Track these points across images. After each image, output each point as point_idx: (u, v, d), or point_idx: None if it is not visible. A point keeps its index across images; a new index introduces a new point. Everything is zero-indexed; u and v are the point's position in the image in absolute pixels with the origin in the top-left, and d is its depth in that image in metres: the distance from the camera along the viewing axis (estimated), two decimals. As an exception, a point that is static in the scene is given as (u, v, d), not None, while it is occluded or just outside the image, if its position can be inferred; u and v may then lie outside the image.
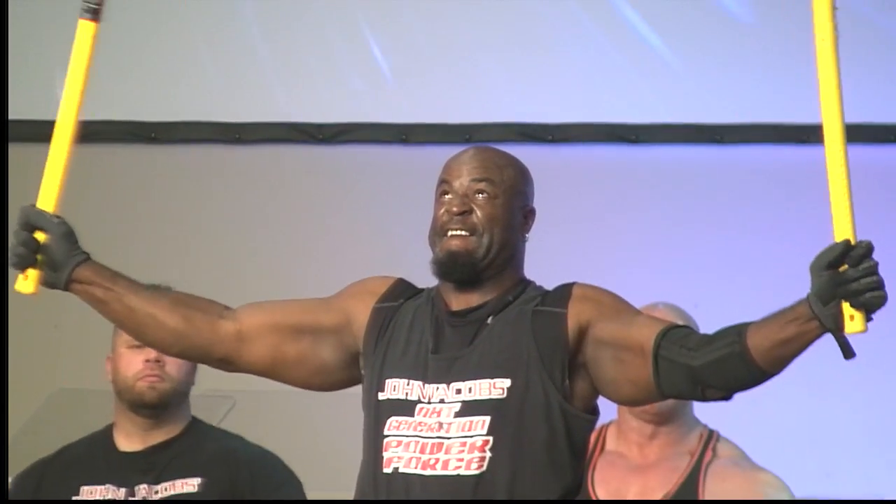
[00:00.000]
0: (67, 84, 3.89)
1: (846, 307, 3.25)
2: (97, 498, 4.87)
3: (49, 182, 3.81)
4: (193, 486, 4.79)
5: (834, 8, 3.36)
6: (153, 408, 4.83)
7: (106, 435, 4.93)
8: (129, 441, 4.85)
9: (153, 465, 4.84)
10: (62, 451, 4.95)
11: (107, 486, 4.79)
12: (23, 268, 3.74)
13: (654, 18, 6.74)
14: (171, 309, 3.86)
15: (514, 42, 6.75)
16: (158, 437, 4.83)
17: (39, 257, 3.78)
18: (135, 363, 4.80)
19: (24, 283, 3.78)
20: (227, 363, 3.90)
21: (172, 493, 4.84)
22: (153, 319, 3.85)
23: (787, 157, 6.39)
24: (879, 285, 3.26)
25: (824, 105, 3.38)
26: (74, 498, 4.85)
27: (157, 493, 4.80)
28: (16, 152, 6.45)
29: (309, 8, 7.12)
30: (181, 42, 7.15)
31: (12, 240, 3.81)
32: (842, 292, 3.28)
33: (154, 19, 7.04)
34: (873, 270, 3.27)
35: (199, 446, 4.91)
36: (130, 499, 4.89)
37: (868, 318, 3.25)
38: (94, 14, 3.85)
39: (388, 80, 6.58)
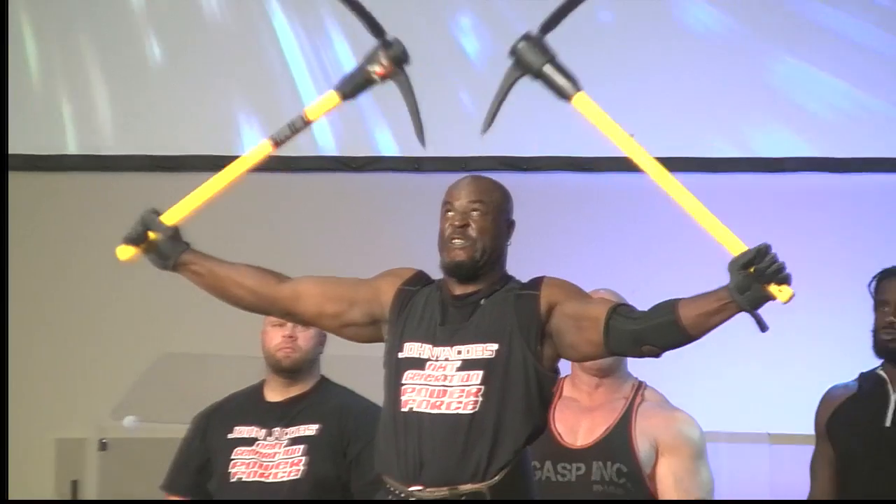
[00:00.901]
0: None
1: (773, 287, 3.81)
2: (245, 436, 5.30)
3: (188, 202, 4.43)
4: (313, 430, 5.25)
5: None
6: (288, 371, 5.28)
7: (258, 388, 5.38)
8: (273, 394, 5.33)
9: (287, 412, 5.28)
10: (228, 399, 5.45)
11: (252, 427, 5.27)
12: (132, 244, 4.38)
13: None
14: (247, 275, 4.42)
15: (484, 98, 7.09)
16: (294, 391, 5.30)
17: (142, 246, 4.38)
18: (275, 337, 5.25)
19: (122, 251, 4.40)
20: (286, 314, 4.49)
21: (297, 434, 5.25)
22: (235, 283, 4.41)
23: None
24: (784, 266, 3.82)
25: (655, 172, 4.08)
26: (229, 436, 5.32)
27: (286, 434, 5.25)
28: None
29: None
30: (248, 88, 7.54)
31: (133, 227, 4.40)
32: (765, 279, 3.81)
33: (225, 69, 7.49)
34: (776, 259, 3.83)
35: (323, 400, 5.31)
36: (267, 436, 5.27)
37: (782, 296, 3.84)
38: (277, 144, 4.46)
39: (403, 121, 7.19)
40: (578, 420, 5.00)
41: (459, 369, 4.15)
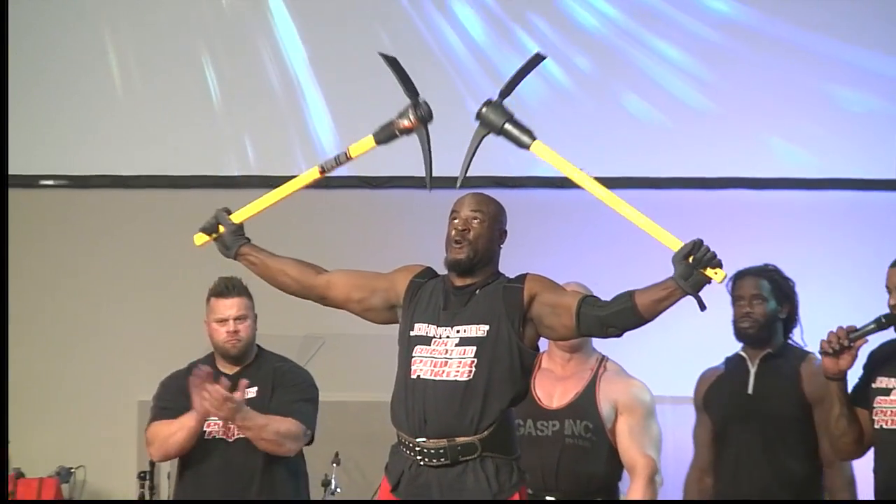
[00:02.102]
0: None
1: (709, 270, 3.93)
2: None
3: (252, 207, 4.58)
4: (254, 392, 5.25)
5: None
6: (235, 358, 5.32)
7: (212, 359, 5.35)
8: (224, 368, 5.32)
9: (236, 380, 5.23)
10: (189, 367, 5.34)
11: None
12: (205, 232, 4.55)
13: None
14: (292, 267, 4.53)
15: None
16: (238, 367, 5.32)
17: (213, 236, 4.55)
18: (221, 333, 5.28)
19: (197, 237, 4.57)
20: (321, 299, 4.53)
21: (246, 397, 5.20)
22: (282, 273, 4.53)
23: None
24: (715, 255, 3.94)
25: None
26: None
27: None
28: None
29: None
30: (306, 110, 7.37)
31: (208, 220, 4.56)
32: (702, 265, 3.95)
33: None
34: (708, 248, 3.96)
35: (260, 368, 5.34)
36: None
37: (718, 278, 3.95)
38: (323, 172, 4.56)
39: (416, 146, 7.17)
40: (554, 387, 5.10)
41: (458, 345, 4.28)
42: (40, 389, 7.12)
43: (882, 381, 4.61)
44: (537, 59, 4.35)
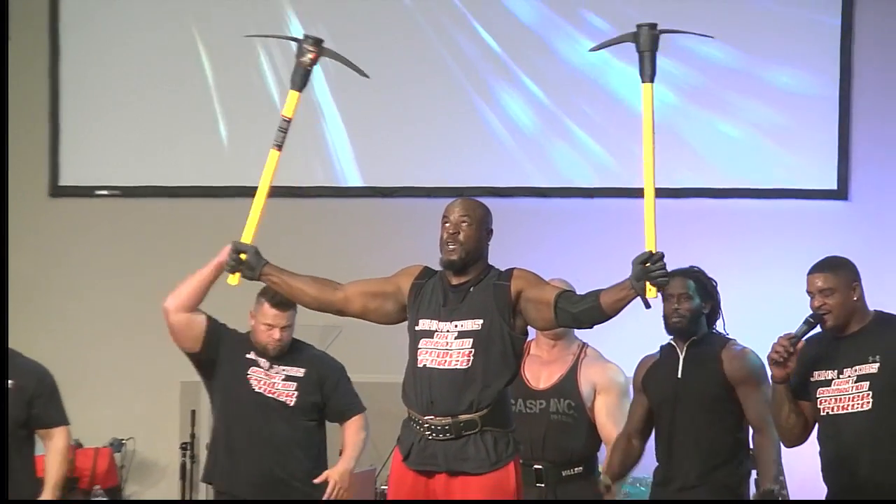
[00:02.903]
0: (262, 176, 4.34)
1: (648, 284, 3.94)
2: (255, 359, 5.12)
3: (251, 221, 4.38)
4: (301, 372, 5.18)
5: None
6: (273, 357, 5.17)
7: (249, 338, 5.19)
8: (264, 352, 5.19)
9: (279, 356, 5.15)
10: (241, 333, 5.22)
11: (259, 356, 5.14)
12: (232, 271, 4.39)
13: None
14: (311, 285, 4.43)
15: (485, 143, 7.17)
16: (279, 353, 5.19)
17: (240, 266, 4.37)
18: (266, 337, 5.14)
19: (232, 278, 4.41)
20: (340, 312, 4.47)
21: (289, 372, 5.18)
22: (302, 291, 4.43)
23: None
24: (665, 275, 3.95)
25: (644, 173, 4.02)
26: (246, 356, 5.13)
27: (282, 371, 5.17)
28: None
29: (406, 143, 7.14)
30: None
31: (229, 258, 4.38)
32: (648, 277, 3.95)
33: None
34: (662, 267, 3.94)
35: (300, 352, 5.25)
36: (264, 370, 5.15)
37: (659, 290, 3.96)
38: (279, 147, 4.38)
39: (426, 164, 7.16)
40: (540, 370, 5.16)
41: (457, 337, 4.27)
42: (97, 372, 7.13)
43: (820, 375, 4.57)
44: (705, 35, 4.38)
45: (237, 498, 5.16)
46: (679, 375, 5.05)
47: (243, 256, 4.40)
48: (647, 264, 3.97)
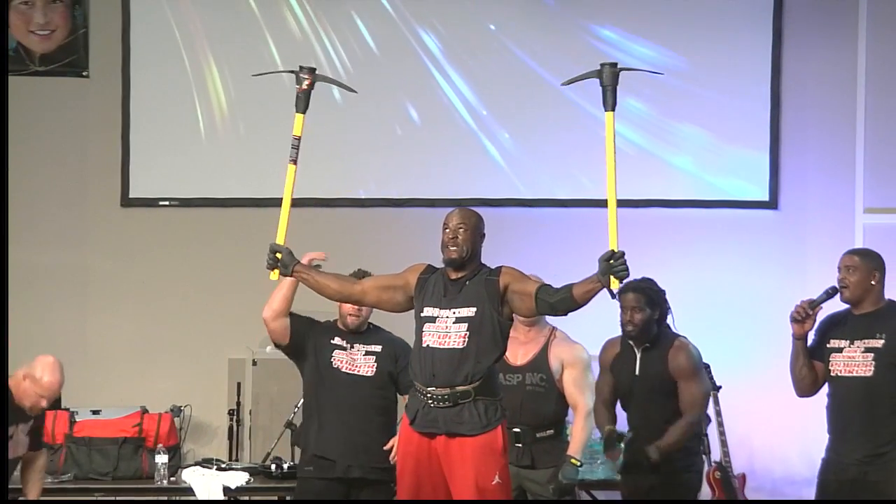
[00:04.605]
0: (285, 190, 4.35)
1: (612, 279, 4.03)
2: (340, 343, 5.11)
3: (281, 227, 4.41)
4: (379, 348, 5.18)
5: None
6: (352, 331, 5.20)
7: (336, 322, 5.22)
8: (345, 328, 5.19)
9: (359, 337, 5.17)
10: (323, 322, 5.26)
11: (341, 339, 5.19)
12: (271, 268, 4.41)
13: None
14: (334, 281, 4.46)
15: (479, 162, 7.03)
16: (355, 334, 5.23)
17: (277, 263, 4.39)
18: (349, 309, 5.13)
19: (273, 274, 4.44)
20: (358, 302, 4.65)
21: (369, 348, 5.19)
22: (327, 286, 4.45)
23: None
24: (625, 269, 4.01)
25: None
26: (331, 341, 5.12)
27: (362, 347, 5.18)
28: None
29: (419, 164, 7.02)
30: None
31: (268, 256, 4.37)
32: (612, 272, 4.03)
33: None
34: (623, 263, 4.01)
35: (377, 333, 5.24)
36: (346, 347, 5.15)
37: (620, 282, 4.04)
38: (294, 161, 4.40)
39: (430, 179, 7.05)
40: (517, 349, 5.12)
41: (455, 322, 4.31)
42: (161, 351, 7.10)
43: (834, 343, 4.71)
44: (656, 73, 4.43)
45: (327, 457, 5.11)
46: (636, 373, 5.04)
47: (279, 256, 4.38)
48: (611, 261, 4.00)
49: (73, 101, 7.20)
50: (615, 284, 3.99)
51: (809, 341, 4.81)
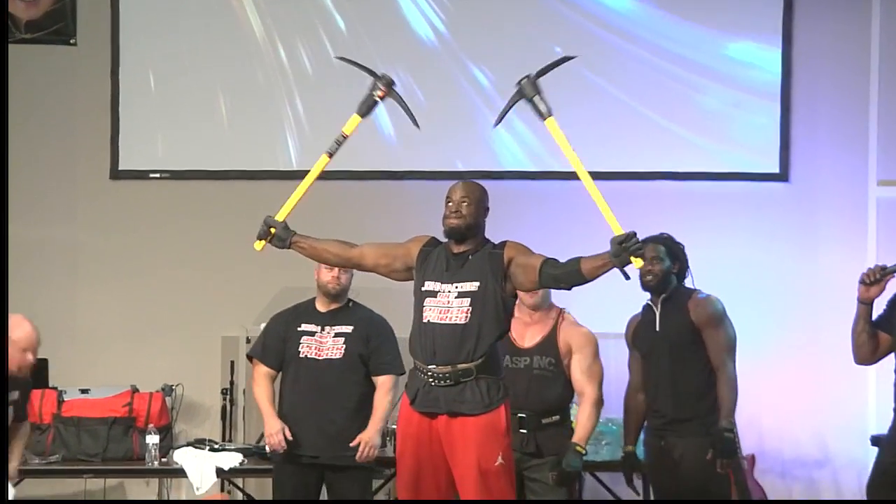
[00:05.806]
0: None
1: (634, 258, 4.01)
2: (308, 330, 5.22)
3: (289, 203, 4.45)
4: (350, 329, 5.26)
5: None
6: (333, 295, 5.31)
7: (311, 302, 5.39)
8: (322, 306, 5.33)
9: (332, 318, 5.31)
10: (294, 307, 5.43)
11: (311, 324, 5.31)
12: (259, 239, 4.42)
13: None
14: (332, 245, 4.48)
15: (482, 135, 6.95)
16: (334, 306, 5.33)
17: (268, 238, 4.41)
18: (326, 276, 5.27)
19: (258, 244, 4.44)
20: (356, 266, 4.57)
21: (339, 330, 5.27)
22: (326, 251, 4.50)
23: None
24: (641, 247, 4.05)
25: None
26: (298, 329, 5.26)
27: (332, 330, 5.27)
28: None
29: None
30: None
31: (261, 227, 4.39)
32: (629, 252, 4.02)
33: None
34: (638, 241, 4.04)
35: (354, 312, 5.35)
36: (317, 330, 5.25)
37: (643, 260, 4.09)
38: (331, 155, 4.42)
39: (433, 151, 7.01)
40: (525, 331, 5.13)
41: (457, 297, 4.33)
42: (151, 328, 7.07)
43: None
44: (568, 58, 4.31)
45: (297, 444, 5.17)
46: (657, 329, 5.08)
47: (272, 230, 4.38)
48: (624, 244, 3.99)
49: (61, 70, 7.17)
50: (638, 263, 4.00)
51: (880, 311, 4.76)
